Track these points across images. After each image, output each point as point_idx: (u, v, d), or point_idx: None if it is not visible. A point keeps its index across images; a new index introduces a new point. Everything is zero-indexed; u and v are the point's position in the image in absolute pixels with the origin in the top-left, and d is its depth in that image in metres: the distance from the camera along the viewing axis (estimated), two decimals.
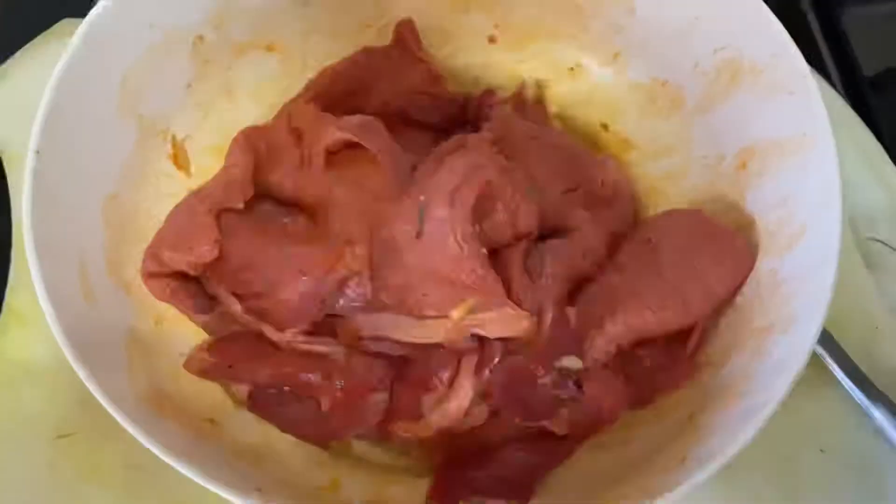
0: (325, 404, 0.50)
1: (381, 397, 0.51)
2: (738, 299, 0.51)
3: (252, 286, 0.51)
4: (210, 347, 0.51)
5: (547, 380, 0.48)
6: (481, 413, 0.48)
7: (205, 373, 0.50)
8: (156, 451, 0.39)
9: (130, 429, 0.39)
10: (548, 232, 0.54)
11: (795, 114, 0.50)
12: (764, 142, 0.52)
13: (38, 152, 0.45)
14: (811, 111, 0.49)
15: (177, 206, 0.54)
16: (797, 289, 0.46)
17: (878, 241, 0.63)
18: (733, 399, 0.45)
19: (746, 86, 0.53)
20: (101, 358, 0.43)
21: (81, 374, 0.40)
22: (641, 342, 0.50)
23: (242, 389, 0.51)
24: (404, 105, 0.61)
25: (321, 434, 0.51)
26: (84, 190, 0.49)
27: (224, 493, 0.39)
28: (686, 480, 0.40)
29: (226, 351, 0.51)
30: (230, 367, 0.50)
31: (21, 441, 0.52)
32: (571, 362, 0.47)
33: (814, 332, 0.42)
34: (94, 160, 0.50)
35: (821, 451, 0.55)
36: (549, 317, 0.49)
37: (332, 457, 0.52)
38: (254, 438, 0.50)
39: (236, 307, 0.51)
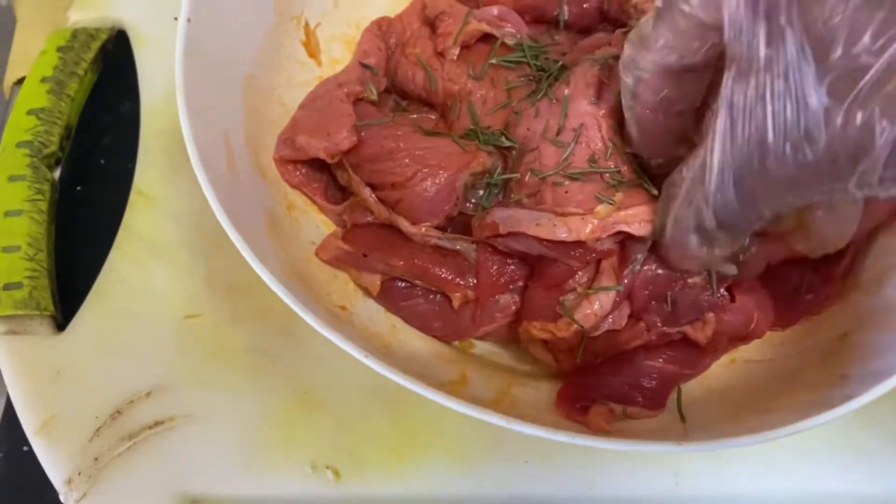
0: (456, 301, 0.49)
1: (511, 298, 0.49)
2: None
3: (387, 177, 0.50)
4: (344, 236, 0.50)
5: (696, 280, 0.46)
6: (621, 316, 0.46)
7: (337, 260, 0.50)
8: (306, 316, 0.38)
9: (278, 290, 0.39)
10: None
11: None
12: None
13: (189, 20, 0.44)
14: None
15: (312, 93, 0.53)
16: None
17: None
18: (893, 323, 0.42)
19: None
20: (248, 231, 0.42)
21: (235, 239, 0.39)
22: (792, 259, 0.48)
23: (373, 280, 0.50)
24: (541, 2, 0.59)
25: (449, 331, 0.50)
26: (227, 64, 0.48)
27: (375, 365, 0.38)
28: (854, 393, 0.37)
29: (359, 239, 0.50)
30: (364, 255, 0.49)
31: (152, 318, 0.53)
32: (727, 268, 0.44)
33: None
34: (237, 37, 0.49)
35: None
36: None
37: (457, 354, 0.51)
38: (383, 328, 0.49)
39: (371, 197, 0.50)
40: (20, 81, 0.61)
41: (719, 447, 0.38)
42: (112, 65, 0.63)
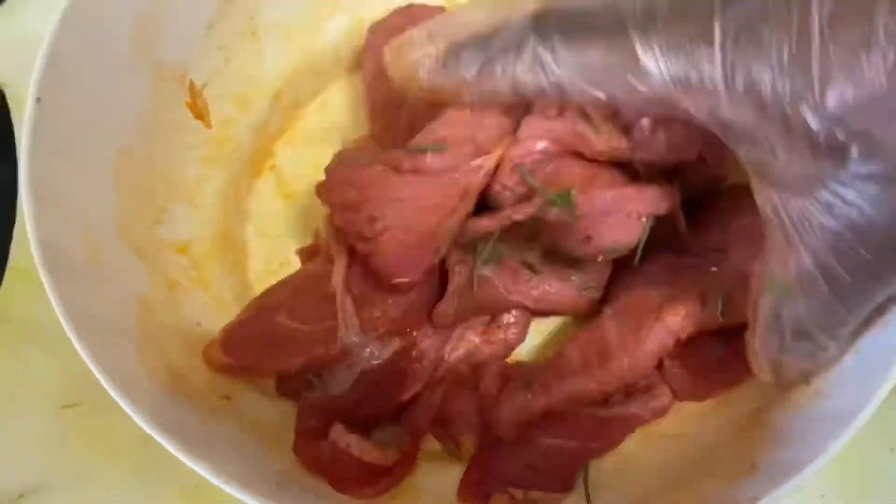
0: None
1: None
2: None
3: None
4: (225, 343, 0.46)
5: None
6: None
7: (226, 370, 0.46)
8: (168, 445, 0.35)
9: (139, 420, 0.35)
10: None
11: None
12: None
13: (39, 100, 0.40)
14: None
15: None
16: None
17: None
18: (810, 399, 0.40)
19: None
20: (107, 331, 0.38)
21: (82, 351, 0.36)
22: (702, 333, 0.45)
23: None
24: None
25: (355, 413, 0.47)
26: (93, 143, 0.44)
27: (238, 493, 0.35)
28: (760, 495, 0.35)
29: (243, 348, 0.46)
30: (251, 366, 0.46)
31: (26, 409, 0.49)
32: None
33: None
34: (105, 109, 0.45)
35: (891, 450, 0.51)
36: None
37: None
38: (272, 416, 0.46)
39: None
40: None
41: None
42: None
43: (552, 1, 0.34)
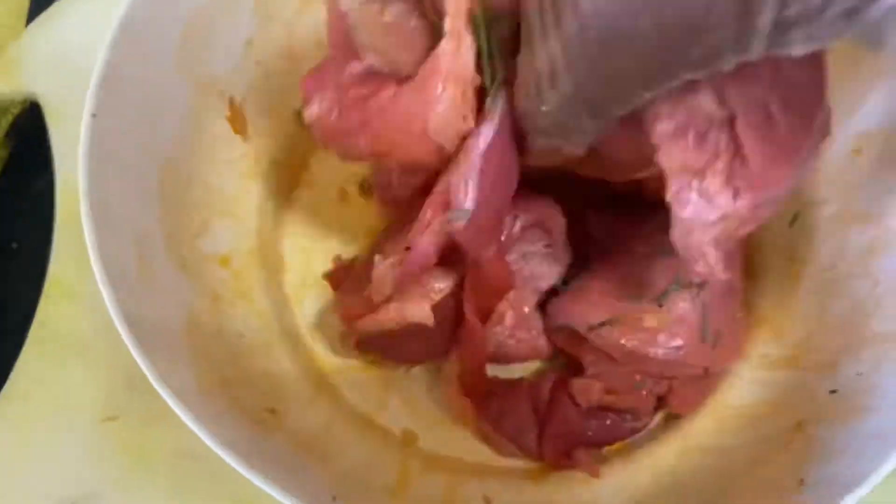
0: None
1: None
2: (846, 299, 0.47)
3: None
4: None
5: None
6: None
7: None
8: (219, 449, 0.35)
9: (192, 423, 0.35)
10: None
11: None
12: (884, 129, 0.47)
13: (94, 115, 0.40)
14: None
15: None
16: None
17: None
18: (855, 414, 0.41)
19: (865, 65, 0.47)
20: (160, 343, 0.39)
21: (143, 364, 0.36)
22: None
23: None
24: None
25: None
26: (141, 157, 0.45)
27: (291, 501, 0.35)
28: None
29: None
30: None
31: (66, 423, 0.49)
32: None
33: None
34: (151, 123, 0.46)
35: None
36: None
37: (398, 450, 0.48)
38: (317, 429, 0.46)
39: None
40: None
41: None
42: (25, 141, 0.59)
43: None
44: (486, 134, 0.38)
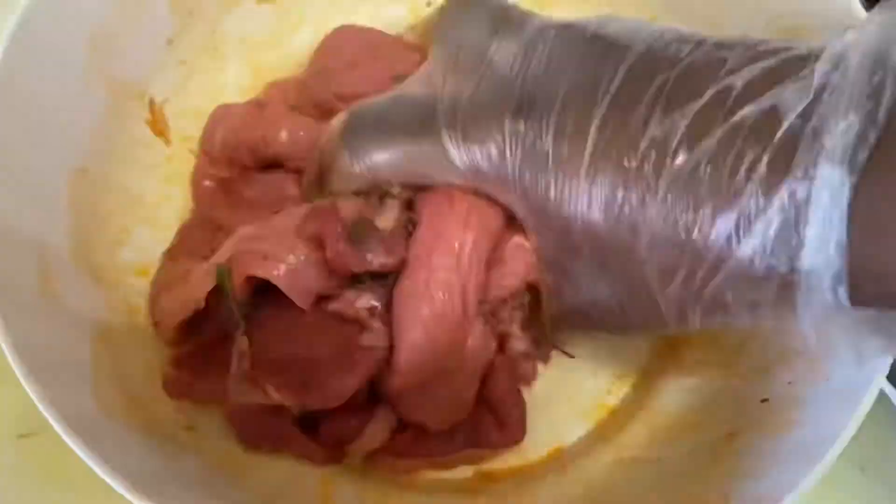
0: None
1: None
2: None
3: None
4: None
5: None
6: None
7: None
8: (120, 487, 0.33)
9: (87, 458, 0.34)
10: None
11: None
12: None
13: None
14: None
15: None
16: None
17: None
18: (784, 426, 0.40)
19: None
20: (60, 366, 0.37)
21: (33, 394, 0.34)
22: None
23: None
24: None
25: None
26: (46, 165, 0.42)
27: None
28: None
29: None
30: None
31: None
32: None
33: (885, 364, 0.37)
34: (58, 130, 0.43)
35: (861, 469, 0.51)
36: None
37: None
38: (237, 449, 0.44)
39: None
40: None
41: None
42: None
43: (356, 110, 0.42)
44: None
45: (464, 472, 0.48)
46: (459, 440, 0.46)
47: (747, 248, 0.29)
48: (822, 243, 0.28)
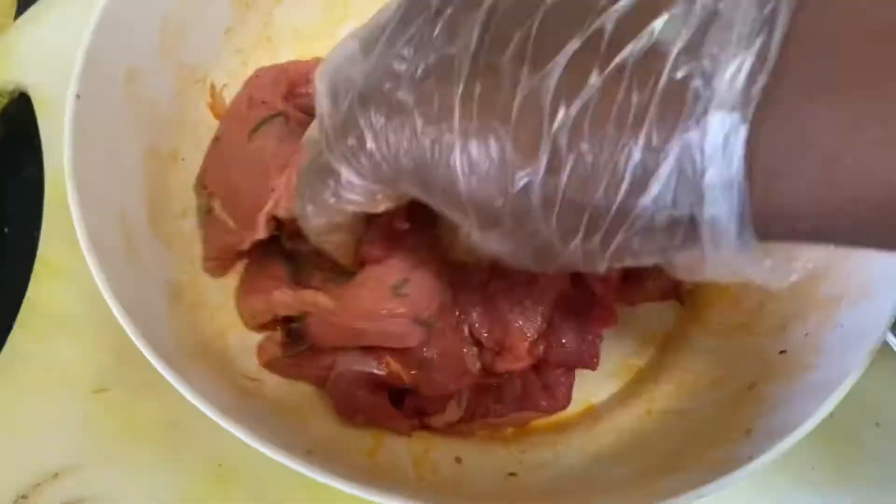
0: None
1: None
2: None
3: None
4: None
5: None
6: None
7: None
8: (203, 408, 0.37)
9: (178, 385, 0.37)
10: None
11: None
12: None
13: (78, 96, 0.42)
14: None
15: None
16: (872, 254, 0.44)
17: None
18: (800, 371, 0.43)
19: None
20: (145, 313, 0.41)
21: (129, 329, 0.38)
22: None
23: None
24: None
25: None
26: (125, 141, 0.47)
27: (273, 454, 0.37)
28: (756, 454, 0.38)
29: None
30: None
31: (58, 395, 0.51)
32: None
33: (892, 302, 0.40)
34: (134, 107, 0.48)
35: (876, 424, 0.54)
36: None
37: None
38: (296, 398, 0.49)
39: None
40: None
41: None
42: (14, 128, 0.61)
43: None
44: None
45: (503, 427, 0.52)
46: (511, 405, 0.50)
47: (646, 203, 0.27)
48: (723, 191, 0.26)
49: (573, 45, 0.27)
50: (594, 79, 0.27)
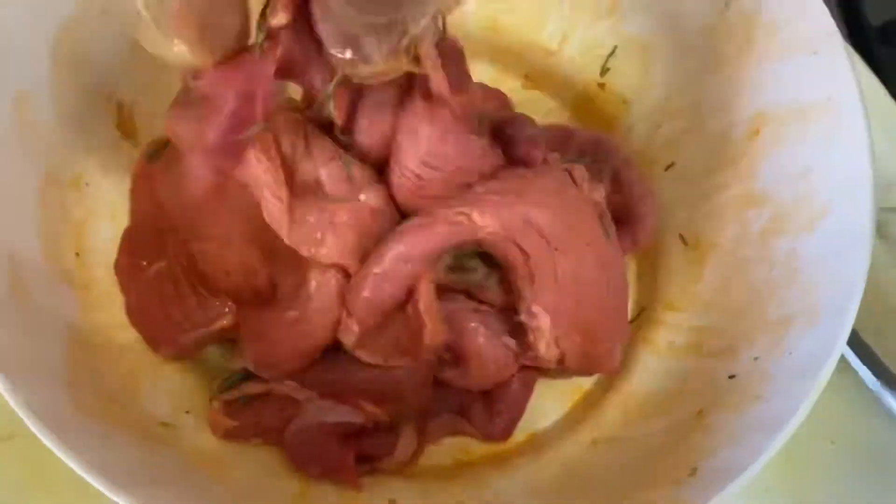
0: None
1: None
2: (745, 284, 0.47)
3: None
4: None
5: None
6: None
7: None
8: (93, 480, 0.34)
9: (66, 458, 0.34)
10: None
11: (818, 76, 0.45)
12: (781, 107, 0.47)
13: None
14: (837, 73, 0.44)
15: None
16: (821, 277, 0.42)
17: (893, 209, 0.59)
18: (749, 402, 0.41)
19: (762, 44, 0.47)
20: (35, 367, 0.37)
21: (6, 394, 0.34)
22: None
23: None
24: None
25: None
26: (13, 166, 0.43)
27: None
28: (698, 499, 0.35)
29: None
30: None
31: None
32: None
33: (843, 327, 0.38)
34: (29, 131, 0.44)
35: (831, 441, 0.52)
36: None
37: None
38: (216, 445, 0.45)
39: None
40: None
41: None
42: None
43: None
44: None
45: (442, 459, 0.49)
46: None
47: None
48: None
49: None
50: None
